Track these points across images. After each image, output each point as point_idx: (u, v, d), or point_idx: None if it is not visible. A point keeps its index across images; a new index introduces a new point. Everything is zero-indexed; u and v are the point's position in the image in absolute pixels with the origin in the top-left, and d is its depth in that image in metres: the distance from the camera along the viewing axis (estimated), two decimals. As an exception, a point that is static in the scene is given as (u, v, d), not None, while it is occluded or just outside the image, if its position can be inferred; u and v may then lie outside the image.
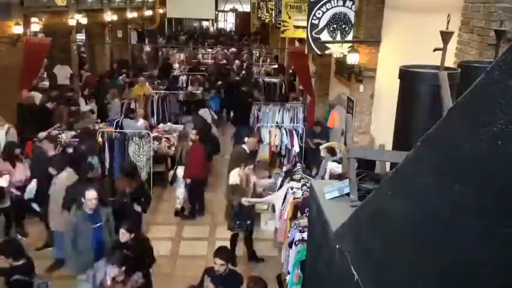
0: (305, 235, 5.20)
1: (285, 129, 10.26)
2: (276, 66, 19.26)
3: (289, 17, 11.44)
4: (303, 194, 6.44)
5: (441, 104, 1.95)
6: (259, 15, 18.39)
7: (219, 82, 15.65)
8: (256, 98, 13.14)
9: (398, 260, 1.36)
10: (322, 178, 7.61)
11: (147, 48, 22.72)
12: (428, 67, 2.38)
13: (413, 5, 6.70)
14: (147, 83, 13.82)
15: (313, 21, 8.39)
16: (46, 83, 14.69)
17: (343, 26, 8.35)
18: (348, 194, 2.23)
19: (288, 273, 5.71)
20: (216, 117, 12.30)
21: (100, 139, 8.84)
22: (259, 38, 28.60)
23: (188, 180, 8.52)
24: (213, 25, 37.21)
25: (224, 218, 7.38)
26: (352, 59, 8.03)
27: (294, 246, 5.57)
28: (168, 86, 14.36)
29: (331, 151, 7.94)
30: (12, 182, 7.11)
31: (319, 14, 8.35)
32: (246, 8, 30.79)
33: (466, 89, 1.07)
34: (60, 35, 12.86)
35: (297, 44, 13.78)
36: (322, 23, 8.38)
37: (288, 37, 14.09)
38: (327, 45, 8.51)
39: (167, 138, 10.39)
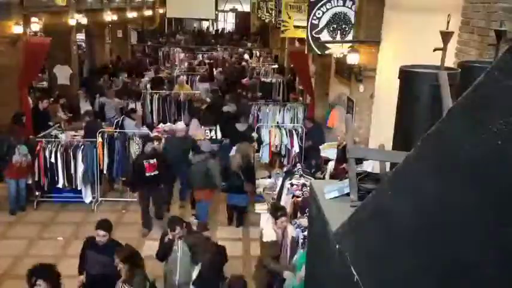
0: (306, 234, 5.21)
1: (285, 129, 10.27)
2: (276, 66, 19.28)
3: (289, 17, 11.43)
4: (303, 194, 6.45)
5: (441, 104, 1.95)
6: (259, 15, 18.38)
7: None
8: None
9: (399, 260, 1.36)
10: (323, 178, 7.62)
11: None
12: (428, 67, 2.38)
13: (413, 5, 6.70)
14: (185, 83, 14.16)
15: (313, 21, 8.39)
16: (44, 83, 14.74)
17: (343, 26, 8.35)
18: (348, 194, 2.23)
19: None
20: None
21: (100, 139, 8.85)
22: (259, 38, 28.61)
23: None
24: (213, 25, 37.21)
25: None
26: (352, 59, 8.04)
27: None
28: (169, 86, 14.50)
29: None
30: None
31: (319, 14, 8.35)
32: (246, 8, 30.77)
33: (466, 89, 1.07)
34: (60, 35, 12.85)
35: (297, 44, 13.79)
36: (322, 23, 8.38)
37: (288, 37, 14.10)
38: (327, 45, 8.52)
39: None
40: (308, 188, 5.57)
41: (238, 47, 24.18)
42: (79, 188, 8.83)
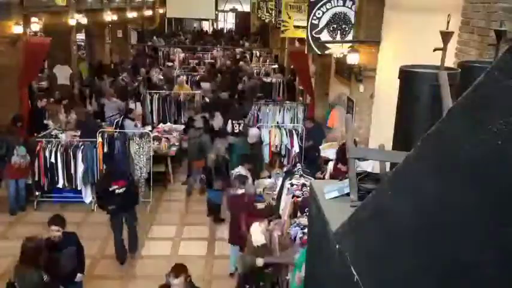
0: (305, 231, 5.21)
1: (285, 129, 10.27)
2: (276, 66, 19.28)
3: (289, 17, 11.44)
4: (303, 194, 6.45)
5: (441, 104, 1.95)
6: (259, 15, 18.39)
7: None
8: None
9: (399, 260, 1.36)
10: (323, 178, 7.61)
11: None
12: (428, 67, 2.38)
13: (414, 5, 6.70)
14: (185, 83, 14.24)
15: (313, 21, 8.39)
16: (44, 83, 14.73)
17: (343, 26, 8.35)
18: (348, 194, 2.23)
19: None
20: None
21: (100, 139, 8.85)
22: (259, 38, 28.63)
23: None
24: (212, 25, 37.21)
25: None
26: (352, 59, 8.03)
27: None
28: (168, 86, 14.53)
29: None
30: None
31: (319, 14, 8.35)
32: (246, 8, 30.76)
33: (466, 89, 1.07)
34: (60, 35, 12.85)
35: (297, 44, 13.81)
36: (322, 23, 8.38)
37: (288, 37, 14.11)
38: (327, 45, 8.51)
39: (167, 138, 10.41)
40: (308, 188, 5.57)
41: (237, 47, 24.19)
42: (79, 188, 8.84)
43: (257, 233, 5.48)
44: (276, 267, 5.48)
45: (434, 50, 2.43)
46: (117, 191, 6.84)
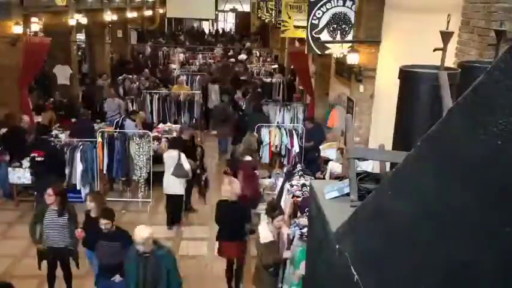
0: (304, 231, 5.22)
1: (285, 129, 10.27)
2: (276, 66, 19.28)
3: (289, 17, 11.44)
4: (303, 194, 6.45)
5: (441, 104, 1.95)
6: (259, 15, 18.40)
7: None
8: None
9: (399, 260, 1.36)
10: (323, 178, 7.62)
11: (148, 49, 22.84)
12: (428, 67, 2.38)
13: (414, 5, 6.70)
14: (184, 83, 14.28)
15: (313, 21, 8.40)
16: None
17: (343, 26, 8.35)
18: (348, 194, 2.22)
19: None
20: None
21: (100, 139, 8.85)
22: (259, 38, 28.64)
23: None
24: (212, 25, 37.20)
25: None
26: (352, 59, 8.04)
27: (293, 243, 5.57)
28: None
29: (343, 152, 7.91)
30: None
31: (319, 14, 8.35)
32: (246, 8, 30.75)
33: (466, 89, 1.06)
34: (60, 35, 12.85)
35: (297, 44, 13.81)
36: (322, 23, 8.38)
37: (288, 37, 14.11)
38: (327, 45, 8.52)
39: (167, 138, 10.41)
40: (308, 188, 5.57)
41: (236, 47, 24.22)
42: (78, 188, 8.83)
43: (264, 228, 5.52)
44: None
45: (434, 50, 2.43)
46: (36, 158, 8.25)
